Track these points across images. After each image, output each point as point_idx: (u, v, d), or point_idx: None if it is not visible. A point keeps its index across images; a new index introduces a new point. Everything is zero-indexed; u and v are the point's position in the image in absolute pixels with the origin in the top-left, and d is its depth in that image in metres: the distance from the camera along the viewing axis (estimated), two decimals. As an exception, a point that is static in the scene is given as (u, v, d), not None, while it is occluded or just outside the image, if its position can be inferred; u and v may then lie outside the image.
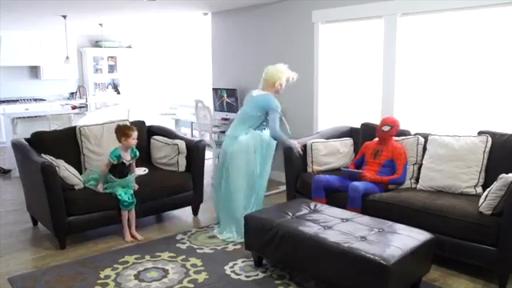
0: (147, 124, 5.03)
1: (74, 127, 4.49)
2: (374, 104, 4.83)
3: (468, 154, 3.59)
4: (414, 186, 3.90)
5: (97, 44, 10.24)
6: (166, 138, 4.66)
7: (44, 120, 6.71)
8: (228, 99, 6.46)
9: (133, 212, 4.02)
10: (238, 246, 3.81)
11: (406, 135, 4.12)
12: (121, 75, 10.60)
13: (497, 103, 3.94)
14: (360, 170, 3.96)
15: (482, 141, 3.59)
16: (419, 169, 3.92)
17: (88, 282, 3.21)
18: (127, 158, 3.98)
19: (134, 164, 4.11)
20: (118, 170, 3.95)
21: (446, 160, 3.68)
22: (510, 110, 3.85)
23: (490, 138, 3.58)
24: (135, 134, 3.99)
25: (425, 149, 3.92)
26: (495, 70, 3.93)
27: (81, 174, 4.16)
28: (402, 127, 4.27)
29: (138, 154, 4.10)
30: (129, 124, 4.27)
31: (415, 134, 4.08)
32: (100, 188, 3.92)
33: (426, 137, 3.96)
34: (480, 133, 3.70)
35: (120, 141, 3.96)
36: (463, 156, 3.61)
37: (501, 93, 3.90)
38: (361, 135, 4.50)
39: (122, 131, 3.97)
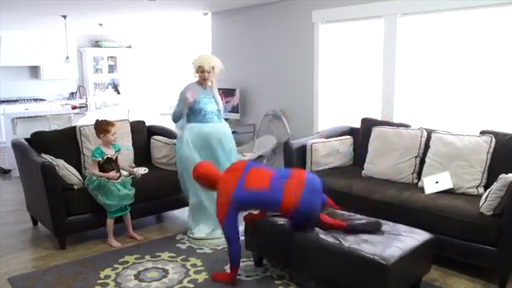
0: (147, 124, 5.03)
1: (74, 127, 4.49)
2: (374, 104, 4.83)
3: (471, 153, 3.56)
4: (415, 181, 3.88)
5: (97, 44, 10.24)
6: (165, 138, 4.66)
7: (44, 120, 6.71)
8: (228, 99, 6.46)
9: (127, 214, 3.99)
10: (238, 246, 3.81)
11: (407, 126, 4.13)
12: (121, 75, 10.61)
13: (497, 103, 3.94)
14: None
15: (485, 141, 3.55)
16: (421, 163, 3.90)
17: (88, 282, 3.21)
18: (111, 152, 3.87)
19: (118, 161, 3.97)
20: (108, 169, 3.84)
21: (449, 159, 3.66)
22: (511, 110, 3.86)
23: (493, 139, 3.55)
24: (114, 129, 3.86)
25: (427, 145, 3.90)
26: (495, 69, 3.93)
27: (81, 173, 4.16)
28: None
29: (120, 148, 3.99)
30: (109, 120, 4.02)
31: (419, 128, 4.05)
32: (112, 174, 3.78)
33: (430, 132, 3.93)
34: (482, 132, 3.67)
35: (99, 137, 3.87)
36: (466, 156, 3.58)
37: (501, 92, 3.90)
38: (360, 131, 4.52)
39: (100, 127, 3.85)
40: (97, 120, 3.97)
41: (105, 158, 3.82)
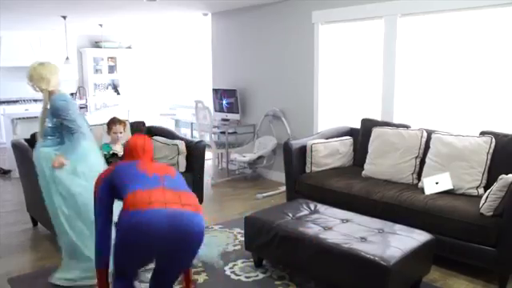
0: (147, 124, 5.04)
1: (74, 128, 4.48)
2: (374, 105, 4.83)
3: (471, 154, 3.56)
4: (415, 182, 3.89)
5: (97, 44, 10.23)
6: (165, 139, 4.66)
7: (44, 120, 6.69)
8: (228, 99, 6.47)
9: None
10: (238, 247, 3.80)
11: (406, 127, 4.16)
12: (121, 76, 10.59)
13: (497, 104, 3.94)
14: None
15: (485, 141, 3.55)
16: (421, 163, 3.91)
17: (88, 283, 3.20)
18: (118, 149, 3.92)
19: None
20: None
21: (449, 160, 3.66)
22: (511, 110, 3.85)
23: (493, 139, 3.54)
24: (116, 127, 3.95)
25: (427, 146, 3.90)
26: (495, 70, 3.92)
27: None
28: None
29: None
30: (117, 118, 4.08)
31: (419, 129, 4.06)
32: None
33: (430, 133, 3.94)
34: (482, 133, 3.67)
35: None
36: (466, 156, 3.58)
37: (501, 93, 3.90)
38: (360, 131, 4.53)
39: (108, 123, 3.99)
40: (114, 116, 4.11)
41: (111, 153, 3.89)
